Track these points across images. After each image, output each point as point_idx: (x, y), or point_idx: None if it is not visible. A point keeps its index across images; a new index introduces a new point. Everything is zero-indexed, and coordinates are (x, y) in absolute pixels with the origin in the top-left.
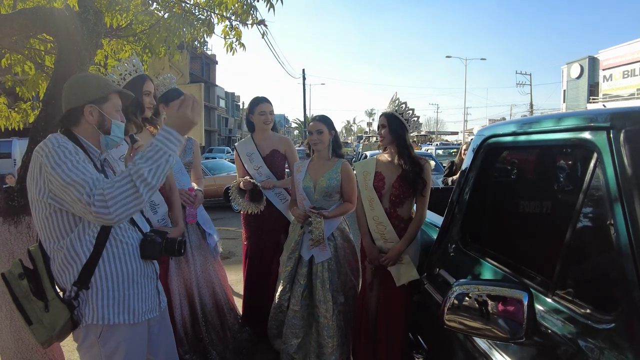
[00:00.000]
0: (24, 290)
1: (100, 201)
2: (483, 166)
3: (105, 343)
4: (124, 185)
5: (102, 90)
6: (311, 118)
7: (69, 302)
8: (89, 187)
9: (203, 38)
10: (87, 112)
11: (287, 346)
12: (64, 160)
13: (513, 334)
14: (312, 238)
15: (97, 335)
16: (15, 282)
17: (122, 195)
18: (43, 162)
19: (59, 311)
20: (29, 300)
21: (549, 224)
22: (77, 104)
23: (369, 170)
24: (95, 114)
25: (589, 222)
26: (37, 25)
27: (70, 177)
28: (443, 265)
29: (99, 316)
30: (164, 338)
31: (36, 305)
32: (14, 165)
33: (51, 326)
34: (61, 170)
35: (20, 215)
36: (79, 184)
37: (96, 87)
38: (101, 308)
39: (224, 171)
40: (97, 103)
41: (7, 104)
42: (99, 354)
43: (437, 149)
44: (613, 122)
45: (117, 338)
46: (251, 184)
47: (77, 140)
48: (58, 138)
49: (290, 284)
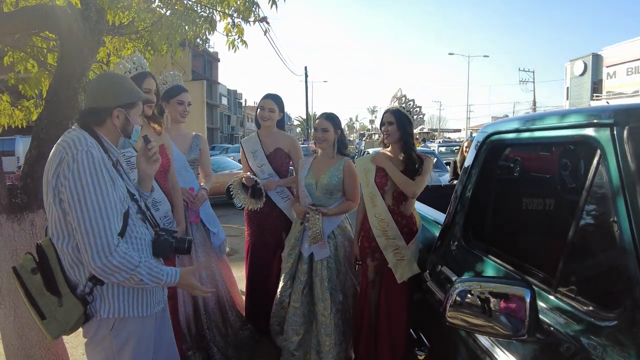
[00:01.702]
0: (37, 285)
1: (106, 267)
2: (486, 163)
3: (117, 335)
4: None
5: (133, 96)
6: (319, 115)
7: (83, 297)
8: (106, 248)
9: (205, 35)
10: (115, 115)
11: (288, 343)
12: (89, 183)
13: (515, 331)
14: (310, 235)
15: (109, 328)
16: (28, 277)
17: (118, 274)
18: (64, 171)
19: (72, 306)
20: (42, 295)
21: (551, 221)
22: (107, 105)
23: (370, 167)
24: (122, 118)
25: (592, 219)
26: (39, 23)
27: (91, 220)
28: (445, 262)
29: (115, 310)
30: (165, 333)
31: (50, 300)
32: (17, 163)
33: (65, 321)
34: (84, 204)
35: (24, 212)
36: (97, 236)
37: (128, 92)
38: (117, 302)
39: (226, 169)
40: (126, 108)
41: (10, 101)
42: (110, 347)
43: (439, 146)
44: (616, 119)
45: (128, 330)
46: (252, 180)
47: (99, 139)
48: (87, 138)
49: (291, 281)
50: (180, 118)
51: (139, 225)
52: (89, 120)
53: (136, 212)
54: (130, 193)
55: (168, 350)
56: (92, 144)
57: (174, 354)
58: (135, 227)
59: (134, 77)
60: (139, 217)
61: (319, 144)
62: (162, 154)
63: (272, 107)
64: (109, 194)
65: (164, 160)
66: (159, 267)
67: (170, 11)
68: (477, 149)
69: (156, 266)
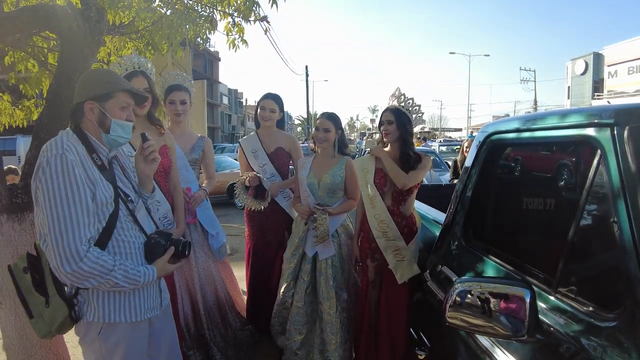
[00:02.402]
0: (27, 284)
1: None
2: (486, 163)
3: (106, 339)
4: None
5: (106, 87)
6: (320, 114)
7: (69, 300)
8: (75, 256)
9: (205, 35)
10: (87, 109)
11: (291, 342)
12: (60, 188)
13: (515, 332)
14: (317, 235)
15: (97, 332)
16: (20, 276)
17: (92, 280)
18: (39, 173)
19: (58, 308)
20: (31, 294)
21: (552, 221)
22: (80, 99)
23: (369, 168)
24: (96, 111)
25: (592, 219)
26: (39, 23)
27: (60, 226)
28: (445, 262)
29: (99, 315)
30: (167, 335)
31: (38, 300)
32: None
33: (50, 321)
34: (54, 209)
35: (24, 212)
36: (65, 244)
37: (102, 84)
38: (102, 307)
39: (227, 168)
40: (99, 100)
41: (11, 101)
42: (99, 349)
43: (440, 145)
44: (617, 119)
45: (117, 335)
46: (257, 179)
47: (85, 138)
48: (64, 139)
49: (294, 281)
50: (176, 117)
51: (128, 227)
52: (74, 118)
53: (127, 214)
54: (124, 194)
55: (170, 350)
56: (69, 146)
57: (177, 355)
58: (123, 231)
59: (125, 77)
60: (129, 219)
61: (320, 143)
62: (163, 155)
63: (273, 108)
64: (81, 199)
65: (164, 161)
66: (136, 269)
67: (170, 10)
68: (477, 148)
69: (132, 268)
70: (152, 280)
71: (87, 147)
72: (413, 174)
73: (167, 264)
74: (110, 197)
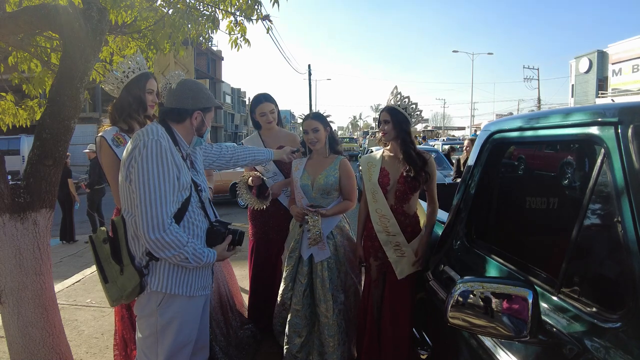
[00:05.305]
0: (105, 253)
1: (159, 241)
2: (489, 162)
3: (163, 313)
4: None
5: (210, 102)
6: (305, 117)
7: (140, 270)
8: (161, 225)
9: (208, 34)
10: (194, 117)
11: (291, 345)
12: (154, 167)
13: (517, 332)
14: (310, 237)
15: (157, 303)
16: (99, 245)
17: (167, 251)
18: (135, 154)
19: (130, 275)
20: (108, 263)
21: (555, 221)
22: (189, 107)
23: (375, 164)
24: (199, 119)
25: (596, 219)
26: (41, 23)
27: (151, 199)
28: (448, 261)
29: (162, 285)
30: (205, 317)
31: (114, 268)
32: (22, 162)
33: (122, 287)
34: (147, 184)
35: (27, 211)
36: (154, 214)
37: (207, 98)
38: (165, 279)
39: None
40: (204, 111)
41: (14, 101)
42: (155, 324)
43: (443, 144)
44: (621, 117)
45: (174, 309)
46: (260, 179)
47: (172, 132)
48: (158, 129)
49: (292, 283)
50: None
51: (197, 213)
52: (169, 117)
53: (197, 200)
54: (195, 183)
55: (203, 331)
56: (162, 135)
57: (206, 336)
58: (193, 214)
59: (137, 78)
60: (199, 205)
61: (312, 145)
62: None
63: (271, 109)
64: (170, 180)
65: None
66: (202, 249)
67: (172, 10)
68: (480, 147)
69: (200, 248)
70: (212, 263)
71: (173, 140)
72: (431, 195)
73: (224, 251)
74: (188, 182)
